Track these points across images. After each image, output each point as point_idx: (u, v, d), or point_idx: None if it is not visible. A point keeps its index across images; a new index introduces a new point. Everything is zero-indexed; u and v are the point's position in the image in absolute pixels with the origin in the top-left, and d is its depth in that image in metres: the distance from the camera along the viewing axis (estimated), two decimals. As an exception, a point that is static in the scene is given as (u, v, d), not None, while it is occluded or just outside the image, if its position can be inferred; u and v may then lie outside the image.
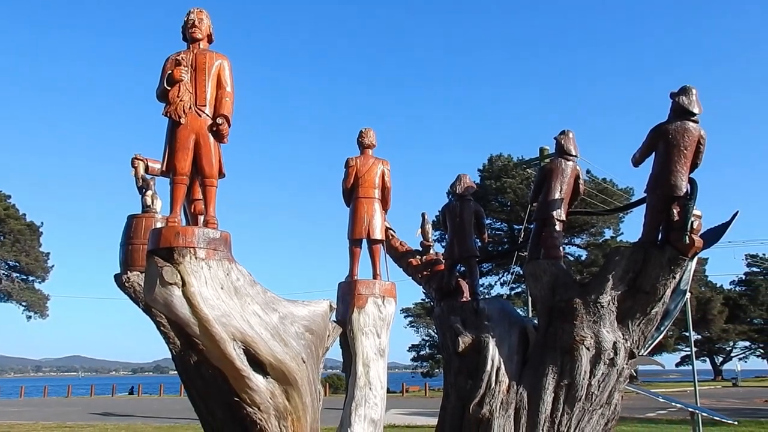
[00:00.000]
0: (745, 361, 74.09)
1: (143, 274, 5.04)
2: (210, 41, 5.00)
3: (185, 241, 4.31)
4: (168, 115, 4.61)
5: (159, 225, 6.02)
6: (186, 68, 4.68)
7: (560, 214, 6.25)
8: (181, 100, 4.58)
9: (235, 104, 4.79)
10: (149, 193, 6.95)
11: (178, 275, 4.26)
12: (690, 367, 20.48)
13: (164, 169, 4.68)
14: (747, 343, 72.02)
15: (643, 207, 5.89)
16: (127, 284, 6.40)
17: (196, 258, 4.33)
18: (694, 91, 5.55)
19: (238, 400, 4.69)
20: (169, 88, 4.63)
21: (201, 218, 5.43)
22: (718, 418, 13.75)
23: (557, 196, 6.26)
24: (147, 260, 4.44)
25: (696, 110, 5.50)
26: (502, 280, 46.61)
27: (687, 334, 24.05)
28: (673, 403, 13.76)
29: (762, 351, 73.21)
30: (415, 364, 61.68)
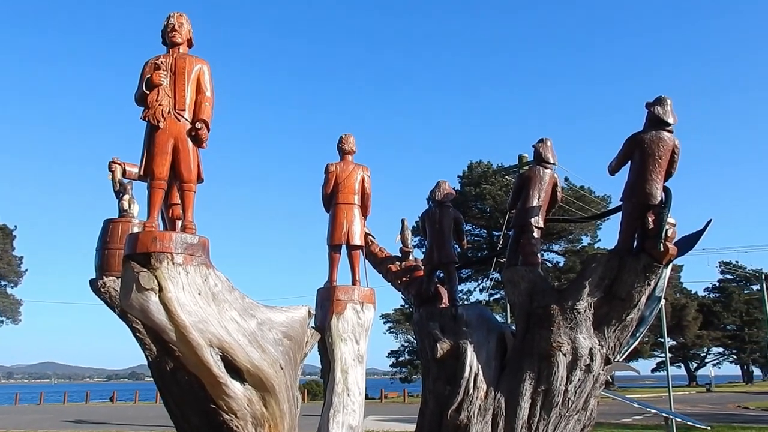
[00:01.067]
0: (719, 367, 75.45)
1: (119, 280, 4.98)
2: (190, 45, 4.99)
3: (162, 246, 4.28)
4: (146, 119, 4.58)
5: (136, 230, 5.96)
6: (165, 72, 4.66)
7: (538, 221, 6.31)
8: (159, 105, 4.56)
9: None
10: (126, 197, 6.88)
11: (155, 281, 4.22)
12: (665, 373, 20.74)
13: (142, 173, 4.65)
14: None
15: (619, 215, 5.97)
16: (102, 289, 6.32)
17: (173, 263, 4.29)
18: (668, 101, 5.65)
19: (214, 407, 4.66)
20: (148, 92, 4.60)
21: (179, 223, 5.39)
22: (691, 423, 13.94)
23: (535, 203, 6.32)
24: (123, 265, 4.40)
25: (671, 120, 5.60)
26: (481, 287, 46.82)
27: (662, 340, 24.36)
28: (648, 409, 13.96)
29: (735, 357, 74.48)
30: (394, 370, 61.53)
